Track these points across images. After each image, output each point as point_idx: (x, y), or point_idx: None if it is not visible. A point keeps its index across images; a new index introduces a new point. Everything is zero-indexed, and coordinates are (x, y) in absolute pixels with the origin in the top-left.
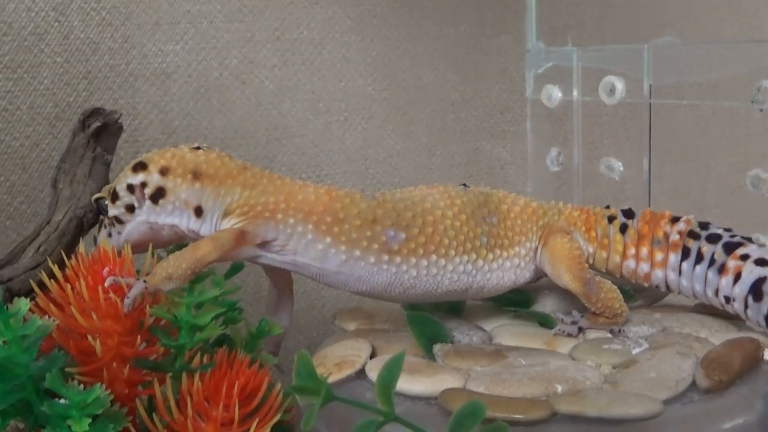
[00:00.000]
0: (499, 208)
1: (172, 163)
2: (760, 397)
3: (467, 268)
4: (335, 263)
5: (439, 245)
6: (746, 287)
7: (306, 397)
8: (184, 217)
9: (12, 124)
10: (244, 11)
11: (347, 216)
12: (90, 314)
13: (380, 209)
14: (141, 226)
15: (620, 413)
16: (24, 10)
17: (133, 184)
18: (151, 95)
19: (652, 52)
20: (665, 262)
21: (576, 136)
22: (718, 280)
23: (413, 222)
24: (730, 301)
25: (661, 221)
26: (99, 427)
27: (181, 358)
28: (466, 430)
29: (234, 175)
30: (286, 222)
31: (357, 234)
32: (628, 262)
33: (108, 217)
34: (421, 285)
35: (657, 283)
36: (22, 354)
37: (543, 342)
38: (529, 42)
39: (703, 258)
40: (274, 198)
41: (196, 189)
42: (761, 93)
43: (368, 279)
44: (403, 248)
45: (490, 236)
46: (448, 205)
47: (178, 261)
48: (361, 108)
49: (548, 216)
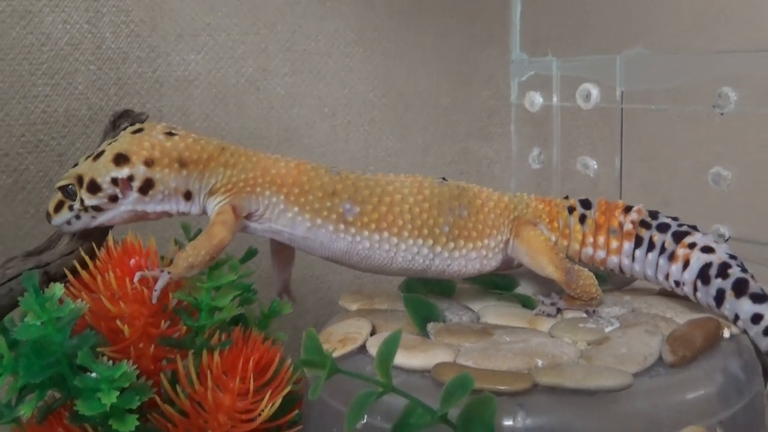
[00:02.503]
0: (472, 203)
1: (155, 153)
2: (720, 371)
3: (422, 251)
4: (302, 229)
5: (392, 224)
6: (694, 273)
7: (313, 370)
8: (173, 202)
9: (50, 125)
10: (258, 25)
11: (311, 188)
12: (118, 301)
13: (340, 184)
14: (124, 214)
15: (594, 385)
16: (60, 22)
17: (117, 177)
18: (175, 100)
19: (623, 62)
20: (620, 250)
21: (555, 138)
22: (669, 267)
23: (369, 199)
24: (680, 285)
25: (615, 211)
26: (126, 398)
27: (201, 336)
28: (456, 400)
29: (215, 157)
30: (264, 194)
31: (319, 204)
32: (586, 249)
33: (81, 205)
34: (375, 257)
35: (612, 267)
36: (57, 333)
37: (525, 321)
38: (514, 53)
39: (654, 246)
40: (253, 174)
41: (184, 176)
42: (722, 99)
43: (329, 245)
44: (357, 221)
45: (455, 227)
46: (413, 192)
47: (197, 250)
48: (362, 112)
49: (518, 210)
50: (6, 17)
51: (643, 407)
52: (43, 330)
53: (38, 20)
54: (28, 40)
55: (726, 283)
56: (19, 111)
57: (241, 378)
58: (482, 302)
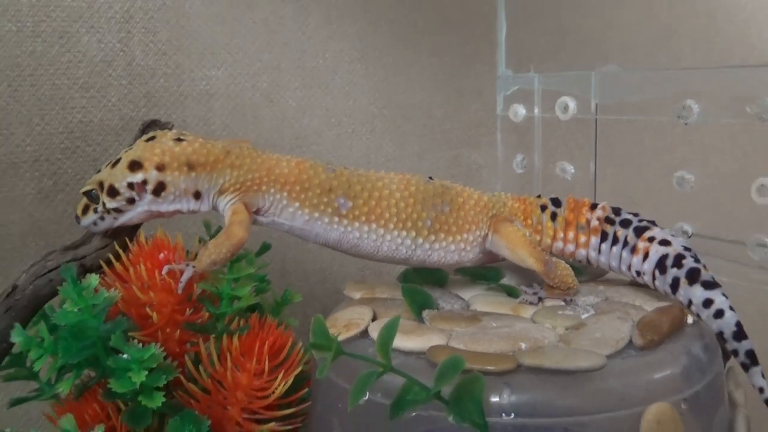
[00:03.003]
0: (454, 200)
1: (165, 159)
2: (684, 353)
3: (406, 242)
4: (301, 222)
5: (380, 217)
6: (653, 263)
7: (320, 352)
8: (184, 202)
9: (86, 134)
10: (272, 44)
11: (311, 185)
12: (148, 290)
13: (336, 180)
14: (141, 214)
15: (572, 365)
16: (95, 42)
17: (133, 182)
18: (198, 111)
19: (598, 78)
20: (587, 244)
21: (536, 145)
22: (631, 258)
23: (360, 194)
24: (641, 274)
25: (582, 208)
26: (154, 377)
27: (222, 322)
28: (448, 379)
29: (221, 159)
30: (269, 192)
31: (317, 200)
32: (557, 244)
33: (104, 208)
34: (364, 246)
35: (580, 259)
36: (92, 319)
37: (510, 308)
38: (500, 69)
39: (618, 240)
40: (258, 174)
41: (193, 178)
42: (685, 110)
43: (324, 235)
44: (350, 214)
45: (436, 221)
46: (400, 188)
47: (219, 248)
48: (365, 122)
49: (496, 208)
50: (47, 37)
51: (616, 385)
52: (80, 316)
53: (75, 40)
54: (66, 58)
55: (681, 272)
56: (58, 121)
57: (257, 359)
58: (472, 292)
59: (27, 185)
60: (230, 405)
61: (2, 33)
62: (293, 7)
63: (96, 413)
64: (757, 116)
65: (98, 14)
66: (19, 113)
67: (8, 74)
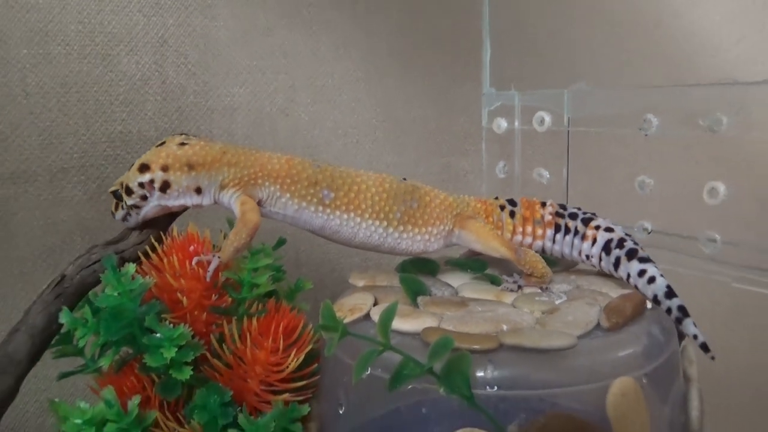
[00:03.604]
0: (422, 198)
1: (168, 161)
2: (644, 334)
3: (378, 231)
4: (291, 211)
5: (357, 207)
6: (600, 247)
7: (328, 333)
8: (187, 197)
9: (126, 143)
10: (288, 66)
11: (299, 178)
12: (179, 278)
13: (321, 175)
14: (154, 208)
15: (547, 345)
16: (134, 63)
17: (143, 181)
18: (222, 124)
19: (570, 95)
20: (544, 236)
21: (516, 153)
22: (581, 244)
23: (341, 187)
24: (590, 257)
25: (535, 206)
26: (183, 353)
27: (243, 306)
28: (440, 356)
29: (218, 158)
30: (264, 185)
31: (305, 191)
32: (516, 237)
33: (126, 205)
34: (343, 232)
35: (537, 250)
36: (130, 302)
37: (493, 295)
38: (484, 87)
39: (569, 230)
40: (254, 169)
41: (193, 176)
42: (646, 123)
43: (310, 222)
44: (332, 204)
45: (405, 214)
46: (376, 185)
47: (238, 235)
48: (368, 134)
49: (460, 207)
50: (92, 59)
51: (585, 362)
52: (119, 299)
53: (116, 61)
54: (109, 77)
55: (621, 252)
56: (101, 131)
57: (273, 338)
58: (460, 280)
59: (74, 188)
60: (250, 378)
61: (52, 55)
62: (305, 34)
63: (133, 385)
64: (708, 128)
65: (136, 39)
66: (67, 125)
67: (58, 91)
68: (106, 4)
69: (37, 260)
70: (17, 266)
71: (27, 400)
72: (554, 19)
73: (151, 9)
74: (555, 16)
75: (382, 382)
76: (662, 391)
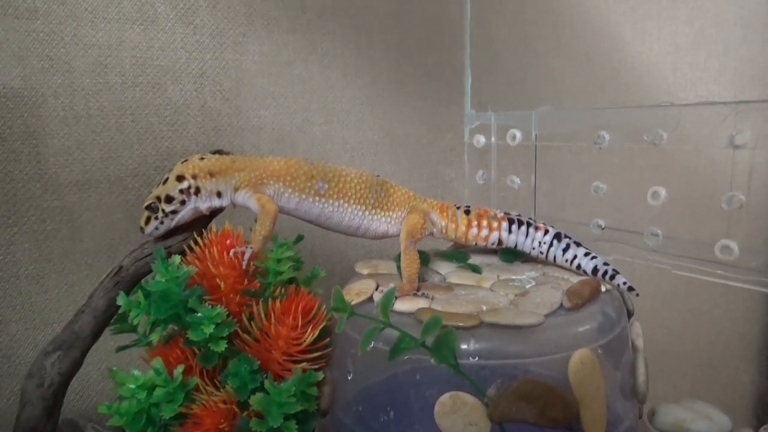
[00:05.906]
0: (388, 190)
1: (195, 171)
2: (600, 312)
3: (358, 214)
4: (293, 203)
5: (344, 195)
6: (551, 235)
7: (339, 313)
8: (212, 200)
9: (171, 157)
10: (305, 92)
11: (298, 175)
12: (218, 266)
13: (315, 170)
14: (189, 211)
15: (520, 322)
16: (178, 90)
17: (182, 188)
18: (251, 140)
19: (537, 116)
20: (500, 227)
21: (493, 164)
22: (535, 233)
23: (332, 179)
24: (541, 244)
25: (488, 211)
26: (219, 329)
27: (268, 290)
28: (431, 332)
29: (230, 166)
30: (269, 183)
31: (303, 185)
32: (472, 230)
33: (163, 213)
34: (335, 217)
35: (493, 242)
36: (176, 287)
37: (475, 281)
38: (466, 109)
39: (523, 222)
40: (259, 172)
41: (214, 182)
42: (600, 138)
43: (309, 211)
44: (326, 194)
45: (376, 201)
46: (357, 176)
47: (263, 224)
48: (370, 148)
49: (416, 201)
50: (143, 87)
51: (551, 336)
52: (166, 285)
53: (163, 89)
54: (157, 102)
55: (570, 240)
56: (152, 147)
57: (293, 317)
58: (447, 269)
59: (129, 193)
60: (274, 350)
61: (111, 84)
62: (319, 65)
63: (178, 356)
64: (651, 142)
65: (180, 71)
66: (123, 141)
67: (116, 113)
68: (155, 42)
69: (99, 253)
70: (83, 258)
71: (90, 369)
72: (524, 53)
73: (192, 46)
74: (525, 50)
75: (383, 353)
76: (614, 360)
